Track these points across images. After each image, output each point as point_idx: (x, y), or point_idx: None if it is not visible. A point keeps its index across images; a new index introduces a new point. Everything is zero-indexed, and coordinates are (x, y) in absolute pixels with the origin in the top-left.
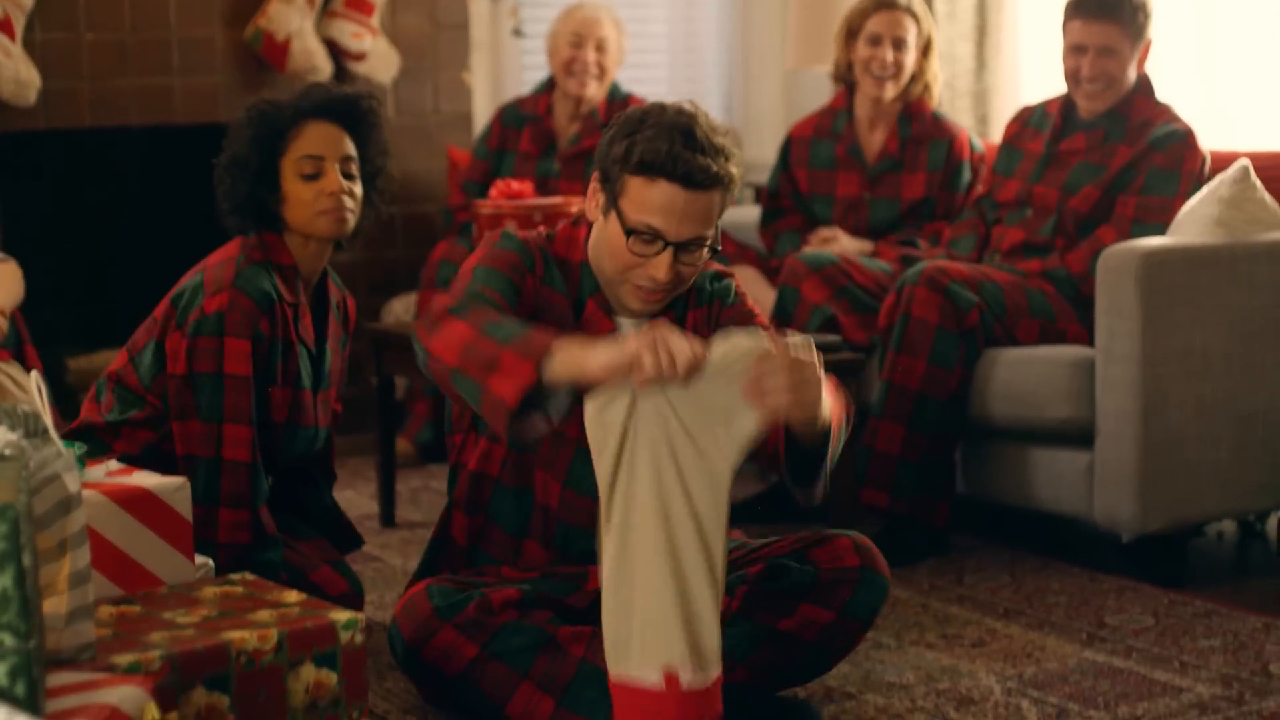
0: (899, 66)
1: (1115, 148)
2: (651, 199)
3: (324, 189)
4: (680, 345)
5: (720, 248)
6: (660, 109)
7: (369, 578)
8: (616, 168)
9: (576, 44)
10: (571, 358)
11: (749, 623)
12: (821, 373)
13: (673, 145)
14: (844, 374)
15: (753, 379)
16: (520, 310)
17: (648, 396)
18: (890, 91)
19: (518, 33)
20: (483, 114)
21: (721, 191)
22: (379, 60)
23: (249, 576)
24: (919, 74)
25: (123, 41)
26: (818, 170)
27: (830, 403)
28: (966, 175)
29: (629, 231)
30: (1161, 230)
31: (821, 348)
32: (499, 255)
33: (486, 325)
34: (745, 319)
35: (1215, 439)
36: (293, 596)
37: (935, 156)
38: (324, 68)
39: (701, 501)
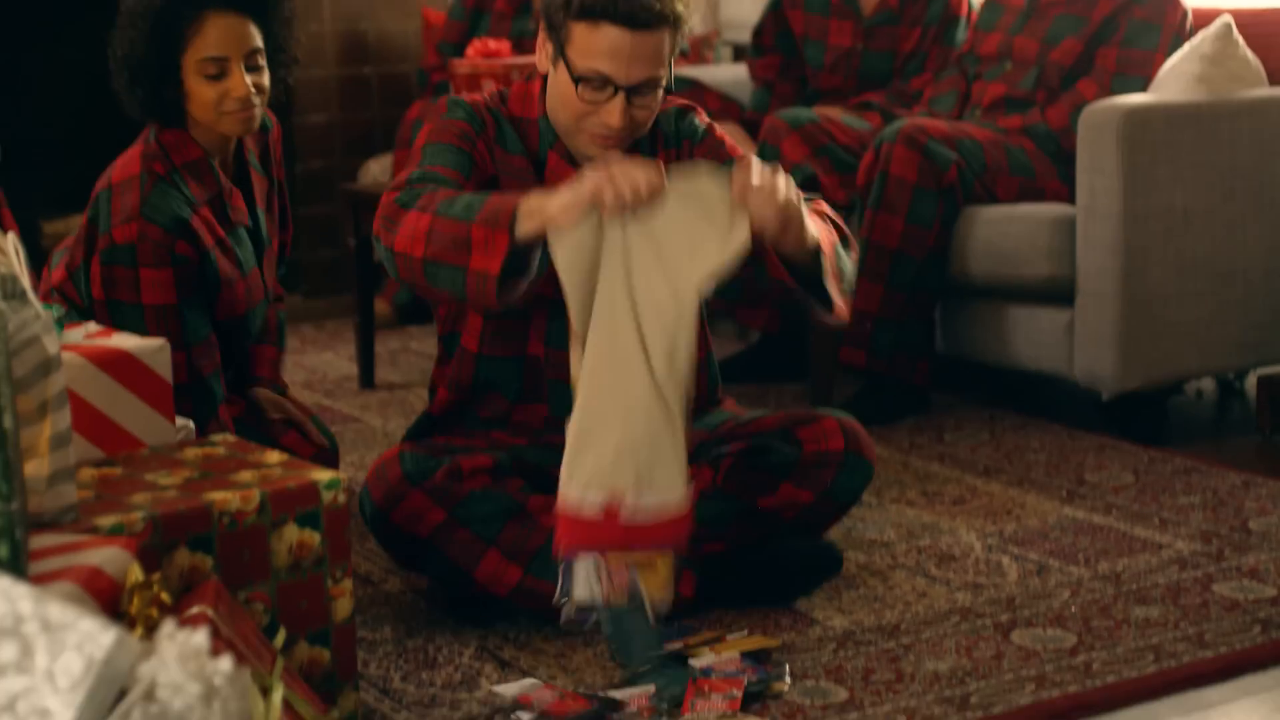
0: None
1: (1096, 0)
2: (597, 44)
3: (229, 91)
4: (636, 172)
5: (673, 88)
6: None
7: (349, 439)
8: (560, 14)
9: None
10: (536, 209)
11: (728, 499)
12: (796, 196)
13: None
14: None
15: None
16: (476, 177)
17: (612, 228)
18: None
19: None
20: None
21: (669, 30)
22: None
23: (230, 438)
24: None
25: None
26: (812, 15)
27: (817, 225)
28: (962, 31)
29: (577, 79)
30: (1143, 84)
31: None
32: (446, 127)
33: (442, 207)
34: (718, 152)
35: (1195, 297)
36: (275, 457)
37: (933, 10)
38: None
39: (664, 330)
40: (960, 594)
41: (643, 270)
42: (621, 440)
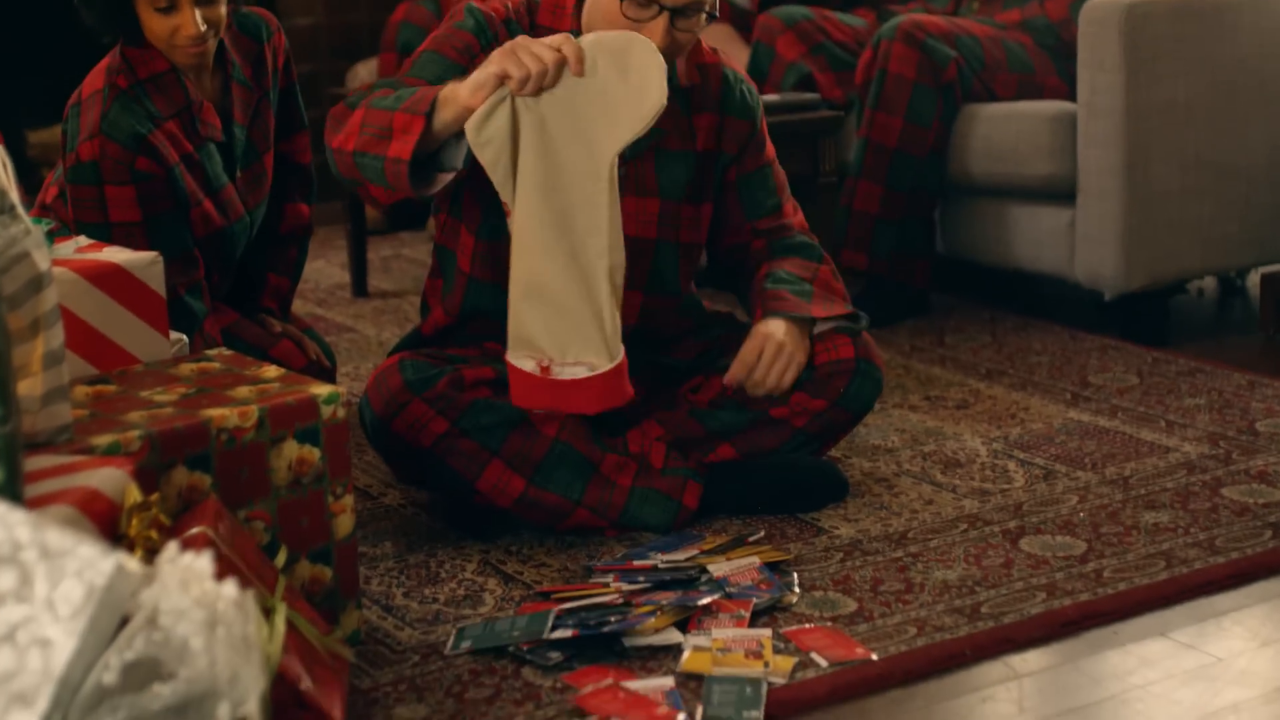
0: None
1: None
2: None
3: (179, 28)
4: (542, 48)
5: (717, 14)
6: None
7: (343, 349)
8: None
9: None
10: (451, 95)
11: (739, 409)
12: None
13: None
14: (821, 132)
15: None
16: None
17: (526, 104)
18: None
19: None
20: None
21: None
22: None
23: (226, 352)
24: None
25: None
26: None
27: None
28: None
29: None
30: None
31: (798, 105)
32: (450, 36)
33: (376, 100)
34: (756, 155)
35: (1198, 194)
36: (272, 372)
37: None
38: None
39: (586, 200)
40: (967, 501)
41: (562, 142)
42: (542, 312)
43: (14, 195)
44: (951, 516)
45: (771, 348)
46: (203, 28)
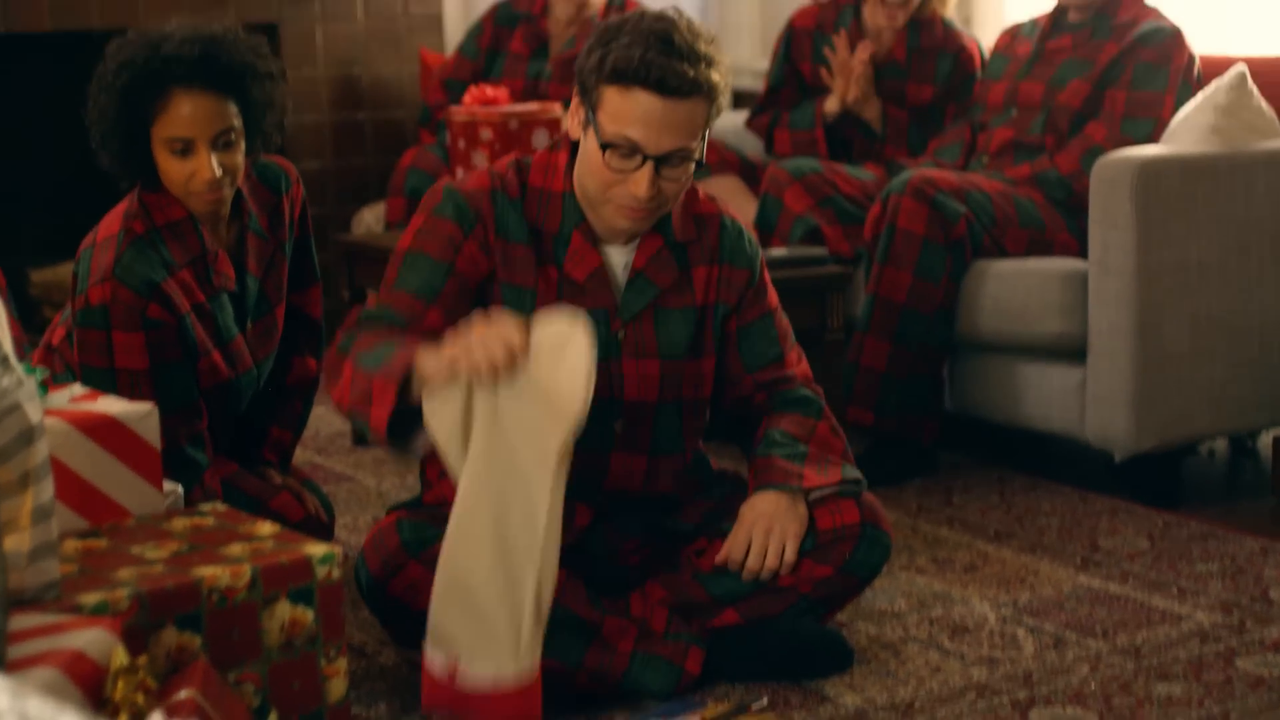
0: None
1: (1102, 44)
2: (627, 110)
3: (196, 173)
4: (493, 340)
5: (705, 162)
6: (639, 16)
7: (341, 499)
8: (592, 78)
9: None
10: (419, 365)
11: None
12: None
13: (647, 51)
14: (829, 287)
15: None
16: (457, 285)
17: (481, 391)
18: (901, 19)
19: None
20: (454, 16)
21: (704, 101)
22: None
23: (220, 507)
24: None
25: None
26: (822, 65)
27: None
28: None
29: (605, 145)
30: (1151, 125)
31: (805, 261)
32: (432, 230)
33: (360, 356)
34: (756, 302)
35: (1210, 355)
36: (266, 529)
37: (942, 68)
38: None
39: (526, 497)
40: (975, 669)
41: (512, 432)
42: (460, 607)
43: (7, 345)
44: (959, 685)
45: (760, 533)
46: (219, 173)
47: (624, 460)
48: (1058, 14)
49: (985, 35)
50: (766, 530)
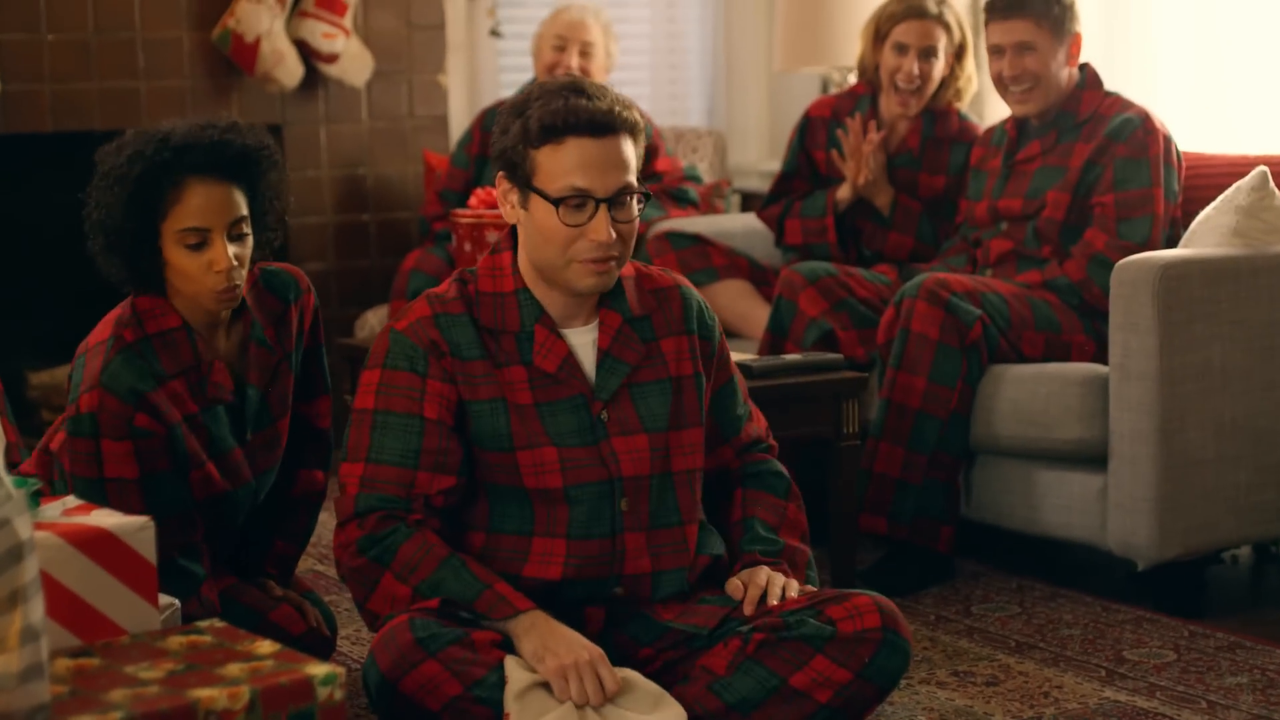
0: (925, 78)
1: (1071, 146)
2: (566, 160)
3: (212, 264)
4: (594, 676)
5: (650, 193)
6: (538, 85)
7: (344, 609)
8: (520, 149)
9: (560, 47)
10: (532, 650)
11: (760, 669)
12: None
13: (565, 100)
14: (844, 393)
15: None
16: (433, 428)
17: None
18: (914, 107)
19: (495, 33)
20: (459, 117)
21: (630, 136)
22: (352, 62)
23: (218, 624)
24: (950, 79)
25: (85, 42)
26: (837, 151)
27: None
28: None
29: (557, 202)
30: (1149, 222)
31: (821, 365)
32: (390, 387)
33: (425, 587)
34: (719, 371)
35: (1234, 460)
36: (266, 648)
37: (956, 159)
38: (295, 70)
39: None
40: None
41: None
42: None
43: None
44: None
45: (760, 577)
46: (235, 263)
47: (634, 540)
48: (1021, 120)
49: None
50: (767, 577)
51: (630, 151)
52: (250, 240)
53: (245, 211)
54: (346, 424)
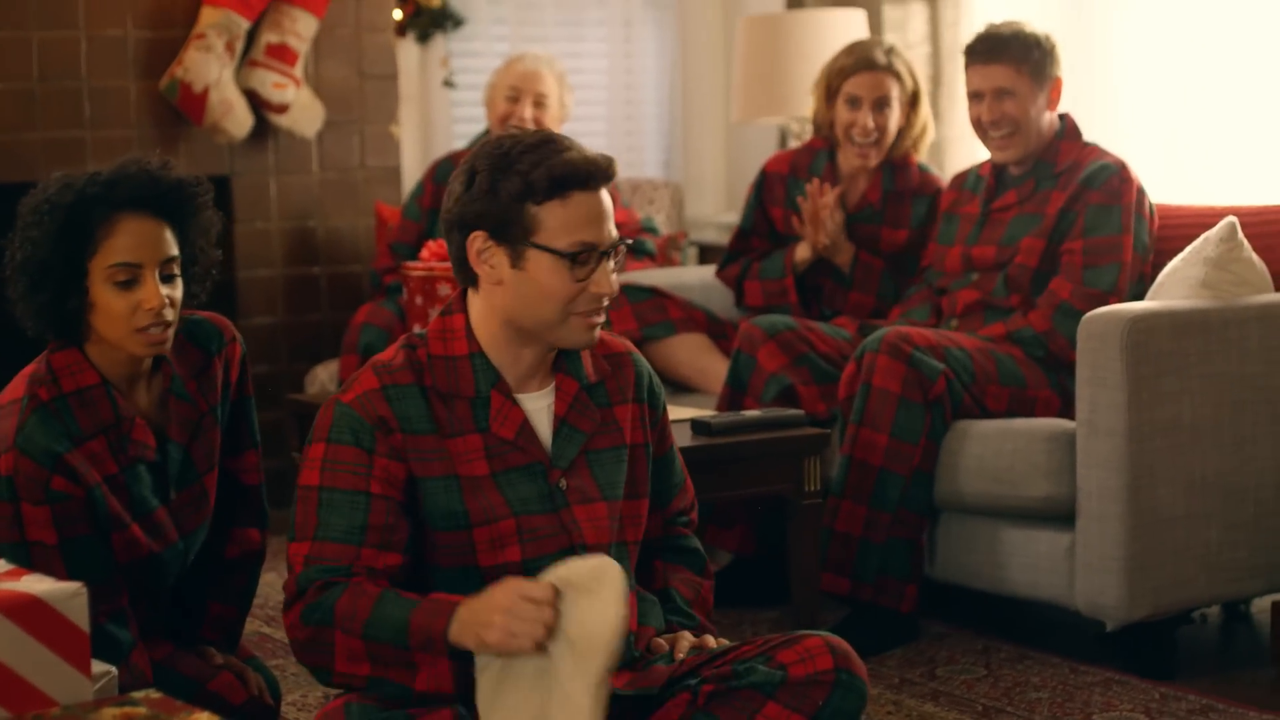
0: (881, 130)
1: (1048, 194)
2: (575, 215)
3: (141, 303)
4: (530, 622)
5: (629, 242)
6: (508, 138)
7: (290, 674)
8: (516, 209)
9: (513, 98)
10: (467, 630)
11: None
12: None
13: (559, 155)
14: (804, 450)
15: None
16: (380, 502)
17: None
18: (874, 158)
19: (449, 84)
20: (411, 168)
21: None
22: (302, 112)
23: (154, 694)
24: (906, 128)
25: (30, 91)
26: (793, 212)
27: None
28: None
29: (570, 257)
30: (1116, 270)
31: (782, 422)
32: (335, 463)
33: (368, 629)
34: (660, 440)
35: (1204, 518)
36: (204, 718)
37: (918, 212)
38: (244, 120)
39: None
40: None
41: (546, 676)
42: None
43: None
44: None
45: (684, 640)
46: (167, 302)
47: None
48: (998, 167)
49: None
50: (689, 642)
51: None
52: (180, 284)
53: (176, 252)
54: (295, 488)
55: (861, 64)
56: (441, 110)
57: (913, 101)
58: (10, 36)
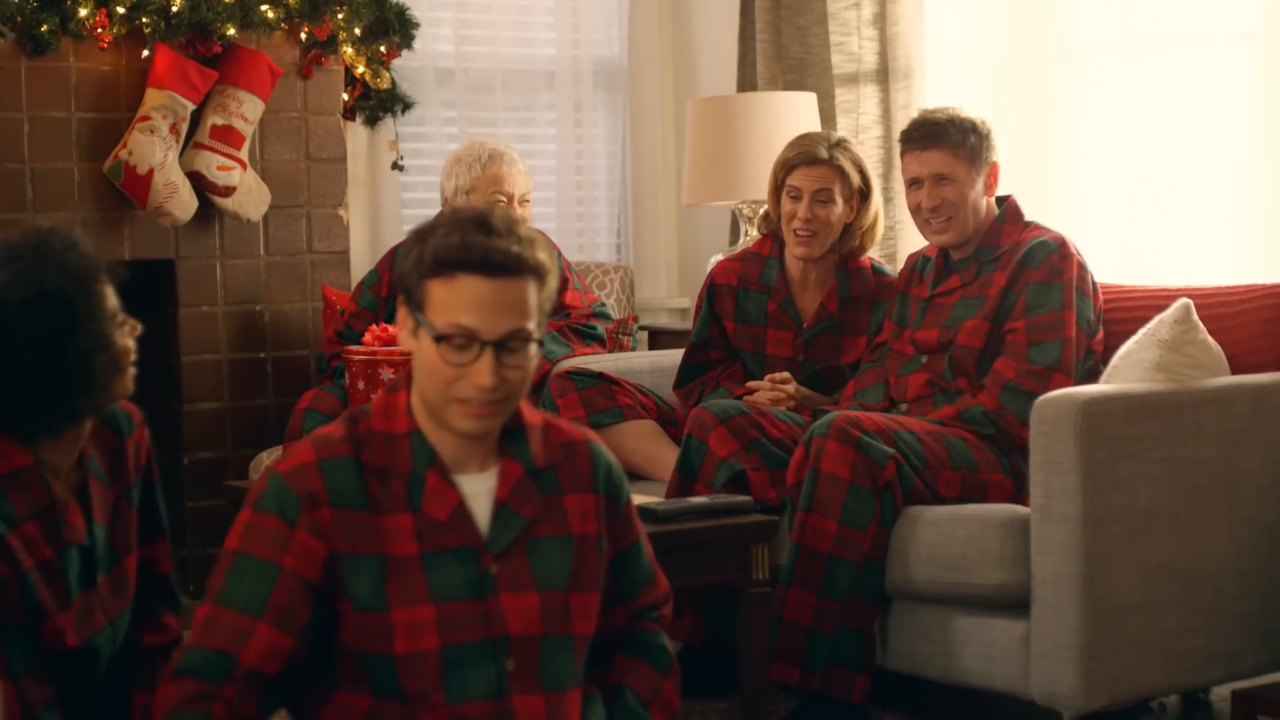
0: (822, 223)
1: (990, 277)
2: (455, 297)
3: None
4: None
5: (540, 340)
6: (453, 211)
7: None
8: (413, 277)
9: (500, 202)
10: None
11: None
12: None
13: (464, 234)
14: (754, 537)
15: None
16: (287, 582)
17: None
18: (815, 250)
19: (398, 166)
20: (360, 251)
21: (533, 280)
22: (248, 195)
23: None
24: (854, 223)
25: None
26: (746, 325)
27: None
28: None
29: (440, 338)
30: (1059, 347)
31: (729, 509)
32: (256, 531)
33: None
34: (624, 533)
35: (1162, 605)
36: None
37: (876, 318)
38: (189, 203)
39: None
40: None
41: None
42: None
43: None
44: None
45: None
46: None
47: (525, 703)
48: (944, 251)
49: None
50: None
51: (531, 295)
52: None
53: None
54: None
55: (803, 157)
56: (390, 193)
57: (861, 195)
58: None
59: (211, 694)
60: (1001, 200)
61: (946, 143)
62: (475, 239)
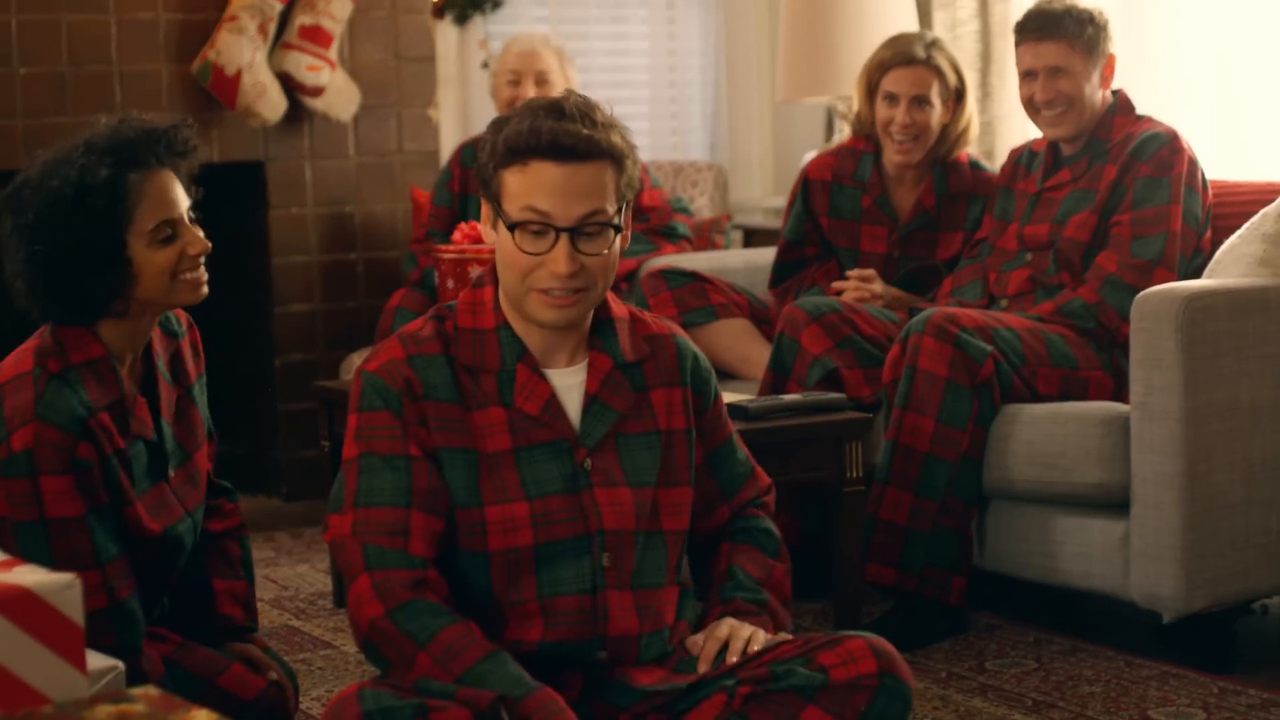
0: (921, 127)
1: (1101, 170)
2: (528, 183)
3: (186, 249)
4: None
5: (624, 229)
6: (529, 101)
7: (318, 666)
8: (489, 169)
9: (515, 82)
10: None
11: None
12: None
13: (535, 120)
14: (847, 435)
15: None
16: (420, 468)
17: None
18: (915, 155)
19: (487, 65)
20: (449, 153)
21: (608, 163)
22: (337, 95)
23: (153, 691)
24: (950, 125)
25: (61, 75)
26: (841, 221)
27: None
28: None
29: (514, 225)
30: (1163, 240)
31: (822, 406)
32: (371, 430)
33: (471, 676)
34: (714, 428)
35: (1265, 504)
36: (203, 717)
37: (974, 213)
38: (278, 104)
39: None
40: None
41: None
42: None
43: None
44: None
45: (724, 630)
46: (205, 240)
47: (618, 599)
48: (1054, 147)
49: None
50: (729, 630)
51: (608, 179)
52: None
53: (189, 196)
54: (325, 478)
55: (899, 58)
56: (480, 93)
57: (957, 97)
58: (40, 20)
59: (418, 579)
60: (1114, 93)
61: (1063, 34)
62: (545, 124)
